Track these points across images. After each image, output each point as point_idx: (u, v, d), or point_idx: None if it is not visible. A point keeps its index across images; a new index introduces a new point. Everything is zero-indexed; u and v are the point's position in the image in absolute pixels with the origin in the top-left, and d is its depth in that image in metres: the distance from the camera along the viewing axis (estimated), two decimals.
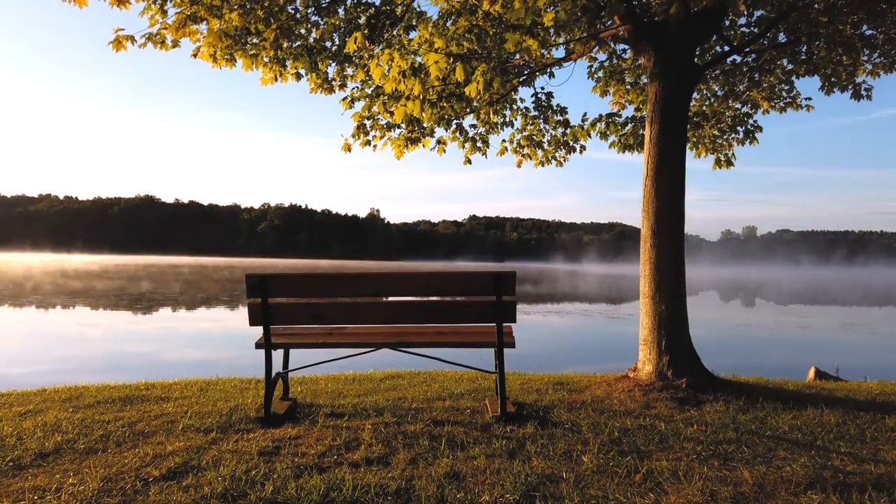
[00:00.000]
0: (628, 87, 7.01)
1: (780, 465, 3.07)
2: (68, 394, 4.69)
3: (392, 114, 5.72)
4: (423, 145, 6.40)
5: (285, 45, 5.41)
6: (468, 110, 6.50)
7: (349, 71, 6.11)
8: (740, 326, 18.30)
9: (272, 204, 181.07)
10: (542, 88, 6.93)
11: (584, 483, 2.80)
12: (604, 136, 7.08)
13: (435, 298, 4.08)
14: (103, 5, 5.16)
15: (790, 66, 6.19)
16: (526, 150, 7.31)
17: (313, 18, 5.61)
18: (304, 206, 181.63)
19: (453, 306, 3.99)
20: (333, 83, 6.14)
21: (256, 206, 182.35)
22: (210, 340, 13.45)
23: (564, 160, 7.40)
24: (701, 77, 6.08)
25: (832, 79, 5.91)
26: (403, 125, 6.27)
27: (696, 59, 5.34)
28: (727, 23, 5.92)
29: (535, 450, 3.25)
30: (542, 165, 7.42)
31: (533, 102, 6.89)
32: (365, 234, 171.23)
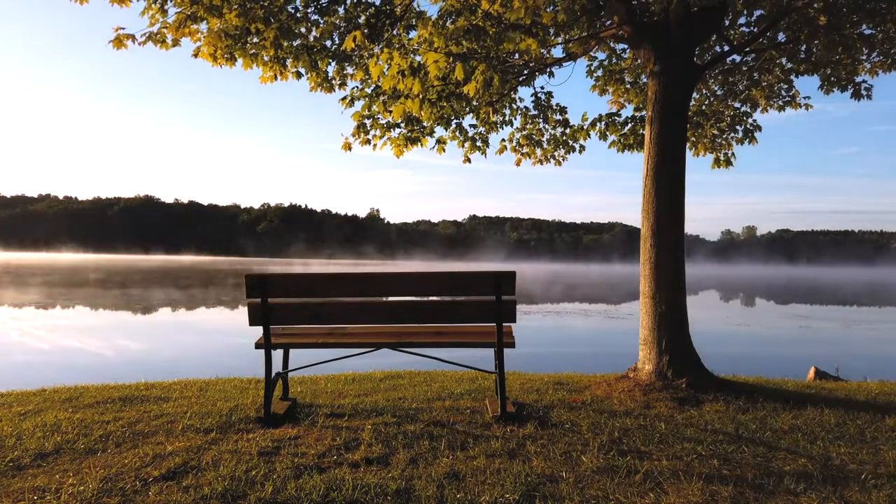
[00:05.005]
0: (627, 86, 7.01)
1: (780, 465, 3.07)
2: (68, 394, 4.69)
3: (391, 112, 5.71)
4: (423, 144, 6.40)
5: (285, 44, 5.40)
6: (467, 109, 6.50)
7: (349, 70, 6.11)
8: (740, 326, 18.30)
9: (272, 204, 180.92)
10: (542, 88, 6.93)
11: (584, 483, 2.80)
12: (603, 135, 7.07)
13: (435, 298, 4.07)
14: (104, 4, 5.15)
15: (789, 65, 6.19)
16: (525, 149, 7.31)
17: (313, 17, 5.60)
18: (304, 206, 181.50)
19: (453, 306, 3.99)
20: (333, 82, 6.13)
21: (256, 206, 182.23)
22: None
23: (563, 159, 7.40)
24: (701, 77, 6.07)
25: (832, 77, 5.90)
26: (403, 124, 6.27)
27: (695, 59, 5.33)
28: (727, 22, 5.91)
29: (535, 450, 3.25)
30: (541, 164, 7.43)
31: (532, 102, 6.89)
32: (365, 234, 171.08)
